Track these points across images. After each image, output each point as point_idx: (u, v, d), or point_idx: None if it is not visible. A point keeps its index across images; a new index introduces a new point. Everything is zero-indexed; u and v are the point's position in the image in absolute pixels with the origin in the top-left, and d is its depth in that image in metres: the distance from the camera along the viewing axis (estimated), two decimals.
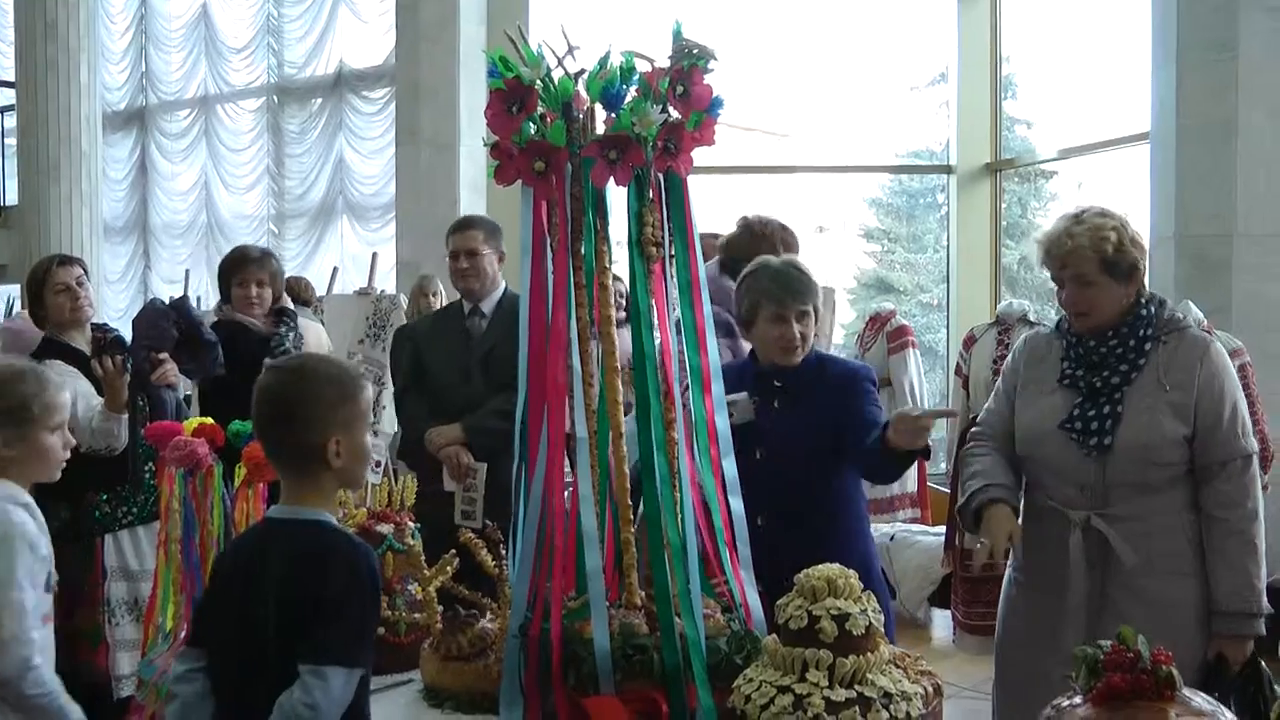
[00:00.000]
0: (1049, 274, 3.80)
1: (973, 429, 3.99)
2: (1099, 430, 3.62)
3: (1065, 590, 3.64)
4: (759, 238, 5.06)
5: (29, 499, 3.45)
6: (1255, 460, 3.68)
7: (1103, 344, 3.69)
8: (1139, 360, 3.66)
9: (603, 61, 3.07)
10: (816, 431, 3.85)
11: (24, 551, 3.33)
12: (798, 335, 3.89)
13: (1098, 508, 3.62)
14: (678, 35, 3.13)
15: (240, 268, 5.69)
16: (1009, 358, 3.99)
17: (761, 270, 4.01)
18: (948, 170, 10.17)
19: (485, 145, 3.13)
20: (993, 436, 3.86)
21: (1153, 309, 3.70)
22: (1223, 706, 2.10)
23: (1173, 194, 7.54)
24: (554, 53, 3.07)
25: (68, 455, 3.59)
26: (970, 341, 7.35)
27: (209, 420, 3.86)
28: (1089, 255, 3.62)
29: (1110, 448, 3.60)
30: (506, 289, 5.33)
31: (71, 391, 4.08)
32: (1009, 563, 3.90)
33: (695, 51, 3.10)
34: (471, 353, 5.27)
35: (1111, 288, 3.65)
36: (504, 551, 3.27)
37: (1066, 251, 3.66)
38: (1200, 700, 2.07)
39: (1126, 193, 8.91)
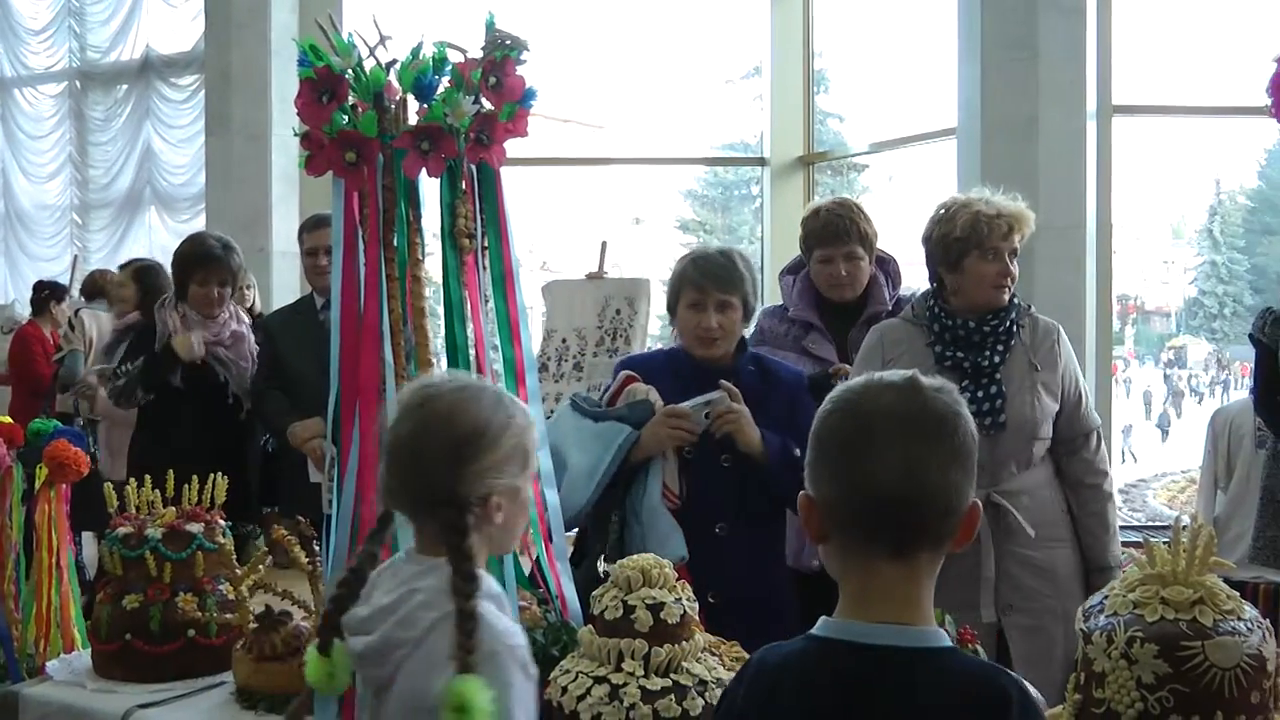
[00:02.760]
0: (973, 243, 3.86)
1: None
2: (992, 410, 3.78)
3: (977, 568, 3.77)
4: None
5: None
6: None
7: (984, 324, 3.86)
8: (1010, 341, 3.88)
9: (415, 52, 3.04)
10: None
11: None
12: (715, 325, 3.79)
13: (991, 485, 3.78)
14: (490, 26, 3.12)
15: (202, 265, 5.45)
16: (863, 354, 4.04)
17: (692, 255, 3.93)
18: (761, 163, 10.30)
19: (296, 135, 3.08)
20: None
21: (1015, 293, 3.92)
22: None
23: (978, 188, 7.74)
24: (365, 42, 3.03)
25: None
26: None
27: (7, 419, 3.72)
28: (1027, 232, 3.88)
29: (1004, 426, 3.78)
30: None
31: None
32: None
33: (508, 43, 3.09)
34: (329, 347, 5.18)
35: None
36: (317, 548, 3.21)
37: (1020, 225, 3.86)
38: None
39: (935, 186, 9.15)
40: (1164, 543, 2.23)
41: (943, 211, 3.94)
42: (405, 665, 2.14)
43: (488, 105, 3.09)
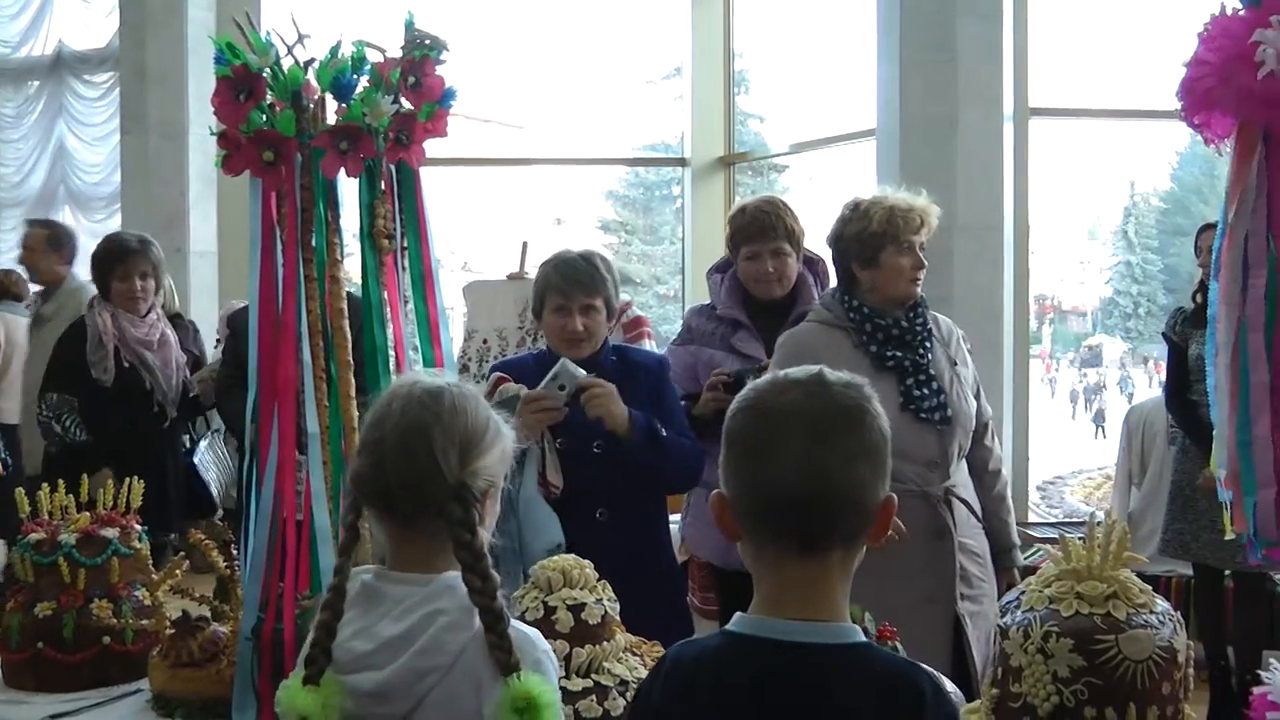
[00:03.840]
0: (887, 238, 3.90)
1: None
2: (939, 405, 3.86)
3: (941, 562, 3.83)
4: None
5: None
6: None
7: (914, 321, 3.94)
8: (931, 337, 3.95)
9: (333, 50, 3.02)
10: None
11: None
12: (580, 327, 3.85)
13: (945, 480, 3.86)
14: (410, 26, 3.11)
15: (121, 260, 5.38)
16: (787, 363, 4.00)
17: (555, 260, 3.98)
18: (682, 163, 10.33)
19: (213, 134, 3.05)
20: None
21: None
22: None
23: (897, 188, 7.82)
24: (283, 41, 3.00)
25: None
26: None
27: None
28: (933, 226, 3.96)
29: (951, 419, 3.87)
30: None
31: None
32: None
33: (427, 42, 3.08)
34: None
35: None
36: (235, 551, 3.18)
37: (929, 220, 3.94)
38: None
39: (854, 186, 9.22)
40: (1079, 539, 2.26)
41: (853, 209, 3.98)
42: (433, 694, 2.04)
43: (407, 105, 3.08)
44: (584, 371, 3.72)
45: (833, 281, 4.34)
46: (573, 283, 3.86)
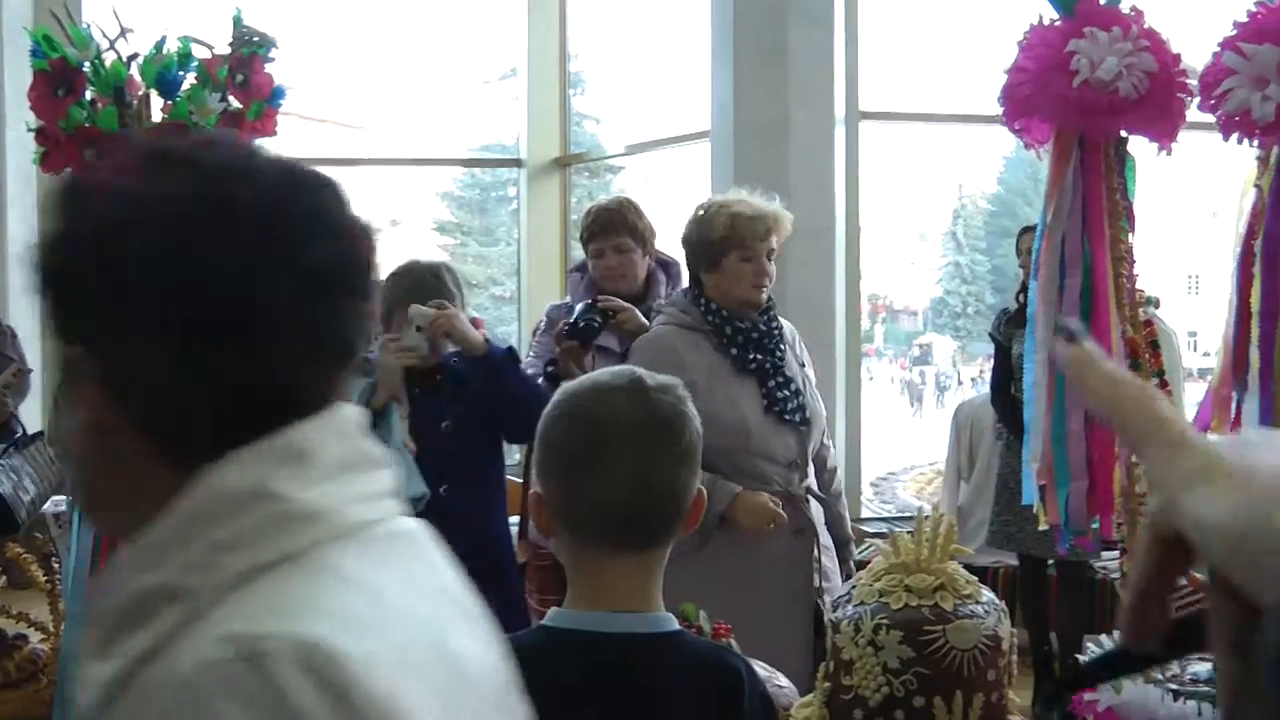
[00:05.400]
0: (731, 244, 3.89)
1: None
2: (798, 407, 3.88)
3: (804, 561, 3.85)
4: None
5: None
6: None
7: (770, 325, 3.95)
8: (783, 339, 3.98)
9: (158, 46, 2.95)
10: (484, 410, 3.92)
11: None
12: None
13: (803, 480, 3.89)
14: (238, 22, 3.05)
15: None
16: (635, 361, 3.98)
17: (402, 275, 4.01)
18: (518, 164, 10.29)
19: (30, 130, 2.96)
20: None
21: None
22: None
23: (730, 190, 7.89)
24: (105, 34, 2.92)
25: None
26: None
27: None
28: (785, 233, 3.96)
29: (810, 420, 3.89)
30: None
31: None
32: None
33: (256, 39, 3.03)
34: None
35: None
36: (57, 564, 3.09)
37: (778, 226, 3.92)
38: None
39: (689, 188, 9.30)
40: (908, 533, 2.31)
41: (701, 212, 4.00)
42: None
43: (235, 103, 3.02)
44: (429, 308, 3.83)
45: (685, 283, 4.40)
46: (420, 299, 3.91)
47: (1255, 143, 2.92)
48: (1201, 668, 3.21)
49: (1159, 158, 3.13)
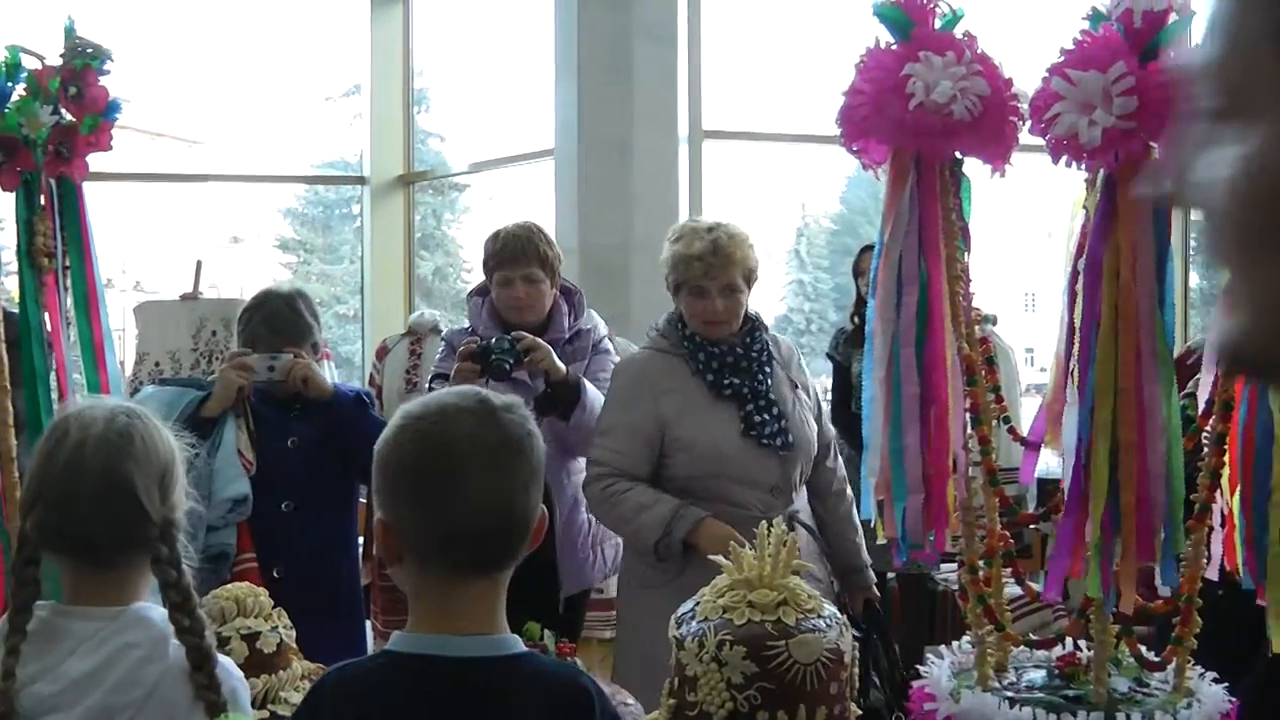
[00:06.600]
0: (678, 282, 3.89)
1: (597, 470, 3.85)
2: (780, 431, 3.80)
3: None
4: None
5: None
6: None
7: (750, 348, 3.88)
8: (772, 361, 3.91)
9: None
10: (331, 439, 3.94)
11: None
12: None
13: (786, 506, 3.81)
14: (70, 32, 2.98)
15: None
16: (626, 389, 3.93)
17: (260, 308, 4.04)
18: (361, 181, 10.18)
19: None
20: (626, 473, 3.79)
21: (756, 316, 3.98)
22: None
23: (575, 207, 7.92)
24: None
25: None
26: (383, 352, 7.16)
27: None
28: (739, 265, 3.82)
29: (793, 445, 3.82)
30: None
31: None
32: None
33: (89, 51, 2.96)
34: None
35: (746, 295, 3.90)
36: None
37: (725, 261, 3.80)
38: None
39: (534, 206, 9.28)
40: (751, 549, 2.33)
41: (668, 241, 3.98)
42: None
43: (68, 116, 2.94)
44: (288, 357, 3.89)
45: (585, 312, 4.37)
46: (279, 335, 3.97)
47: (1083, 166, 3.01)
48: (1036, 675, 3.30)
49: (994, 179, 3.21)
